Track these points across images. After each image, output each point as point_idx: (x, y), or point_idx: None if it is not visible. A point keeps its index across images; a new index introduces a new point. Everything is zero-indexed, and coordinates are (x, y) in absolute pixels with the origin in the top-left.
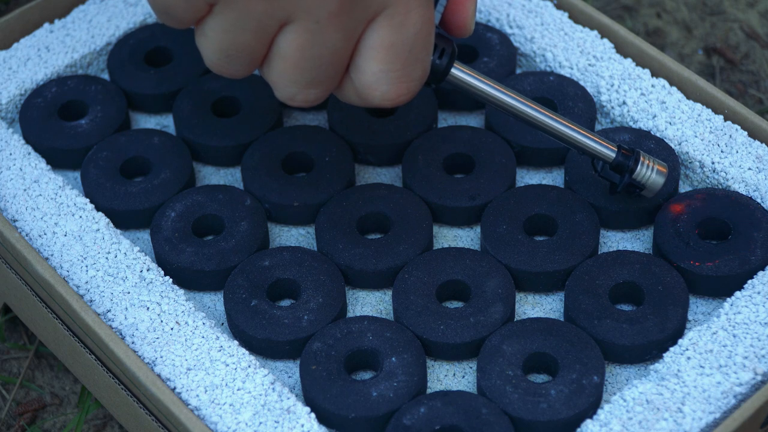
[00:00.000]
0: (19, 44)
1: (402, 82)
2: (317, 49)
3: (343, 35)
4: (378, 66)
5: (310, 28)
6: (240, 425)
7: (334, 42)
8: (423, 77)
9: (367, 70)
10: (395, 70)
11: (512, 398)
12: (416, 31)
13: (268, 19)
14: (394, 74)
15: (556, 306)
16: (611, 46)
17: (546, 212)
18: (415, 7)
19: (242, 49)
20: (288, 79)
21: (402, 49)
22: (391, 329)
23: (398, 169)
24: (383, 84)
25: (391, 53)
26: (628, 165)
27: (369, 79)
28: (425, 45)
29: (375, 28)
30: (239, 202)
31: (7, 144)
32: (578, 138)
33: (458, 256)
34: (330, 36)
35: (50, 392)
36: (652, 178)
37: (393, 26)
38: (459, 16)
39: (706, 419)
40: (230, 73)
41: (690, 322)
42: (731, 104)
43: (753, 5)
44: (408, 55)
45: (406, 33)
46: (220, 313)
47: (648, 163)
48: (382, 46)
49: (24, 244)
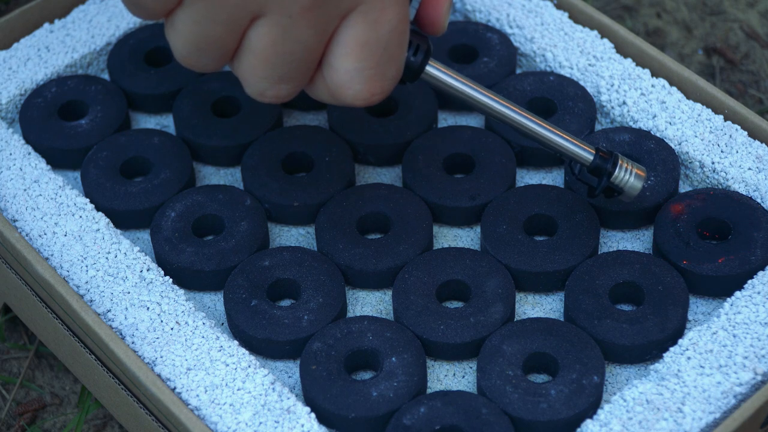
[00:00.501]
0: (19, 44)
1: (375, 80)
2: (289, 45)
3: (315, 31)
4: (351, 64)
5: (281, 23)
6: (240, 425)
7: (306, 37)
8: (397, 76)
9: (340, 68)
10: (369, 68)
11: (512, 398)
12: (391, 28)
13: (240, 11)
14: (368, 72)
15: (556, 306)
16: (611, 46)
17: (546, 212)
18: (390, 4)
19: (213, 42)
20: (258, 75)
21: (376, 46)
22: (391, 329)
23: (398, 169)
24: (356, 82)
25: (365, 51)
26: (606, 168)
27: (342, 77)
28: (400, 43)
29: (349, 24)
30: (239, 202)
31: (7, 144)
32: (555, 139)
33: (458, 256)
34: (302, 31)
35: (50, 392)
36: (630, 182)
37: (367, 23)
38: (433, 13)
39: (706, 419)
40: (199, 66)
41: (690, 322)
42: (731, 104)
43: (753, 5)
44: (382, 53)
45: (381, 30)
46: (220, 313)
47: (626, 166)
48: (356, 44)
49: (24, 244)
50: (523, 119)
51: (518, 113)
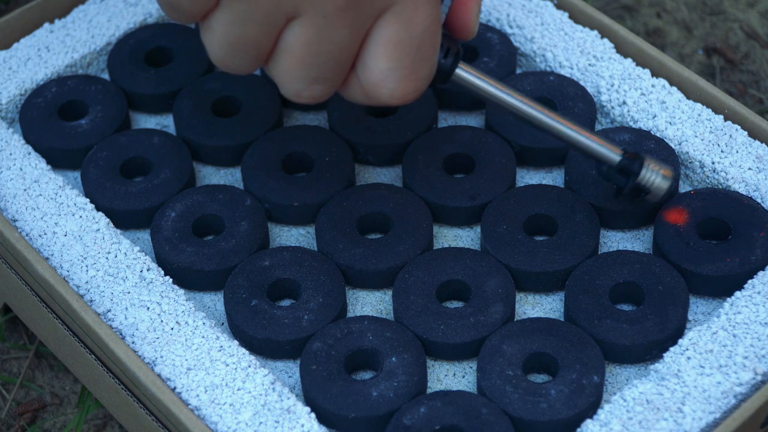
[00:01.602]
0: (19, 44)
1: (409, 80)
2: (324, 45)
3: (350, 31)
4: (386, 63)
5: (317, 23)
6: (240, 425)
7: (340, 37)
8: (430, 76)
9: (374, 68)
10: (403, 68)
11: (512, 398)
12: (424, 28)
13: (275, 12)
14: (402, 72)
15: (556, 306)
16: (611, 46)
17: (546, 212)
18: (423, 4)
19: (249, 42)
20: (294, 75)
21: (410, 46)
22: (391, 329)
23: (398, 169)
24: (391, 81)
25: (399, 50)
26: (632, 169)
27: (376, 76)
28: (433, 43)
29: (383, 24)
30: (239, 202)
31: (7, 144)
32: (583, 141)
33: (458, 256)
34: (337, 31)
35: (50, 392)
36: (657, 183)
37: (401, 23)
38: (463, 17)
39: (706, 419)
40: (235, 68)
41: (690, 322)
42: (731, 104)
43: (753, 5)
44: (416, 53)
45: (415, 30)
46: (220, 313)
47: (653, 167)
48: (390, 43)
49: (24, 244)
50: (553, 122)
51: (548, 116)
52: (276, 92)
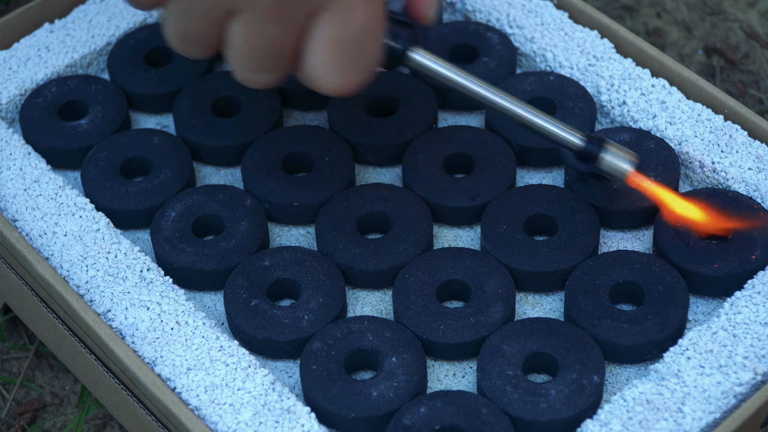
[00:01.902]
0: (19, 44)
1: (349, 74)
2: (261, 40)
3: (286, 28)
4: (324, 59)
5: (253, 20)
6: (240, 425)
7: (276, 34)
8: (371, 68)
9: (313, 62)
10: (340, 64)
11: (512, 398)
12: (361, 26)
13: (214, 9)
14: (340, 67)
15: (556, 306)
16: (611, 46)
17: (546, 212)
18: (359, 3)
19: (194, 34)
20: (238, 65)
21: (347, 43)
22: (391, 329)
23: (398, 169)
24: (329, 76)
25: (336, 47)
26: (593, 152)
27: (315, 70)
28: (373, 39)
29: (320, 22)
30: (239, 202)
31: (7, 144)
32: (543, 125)
33: (458, 256)
34: (271, 28)
35: (50, 392)
36: (618, 166)
37: (336, 21)
38: (419, 5)
39: (706, 419)
40: (190, 54)
41: (690, 322)
42: (731, 104)
43: (753, 5)
44: (353, 49)
45: (351, 28)
46: (220, 313)
47: (614, 150)
48: (327, 40)
49: (24, 244)
50: (513, 106)
51: (508, 100)
52: (276, 92)
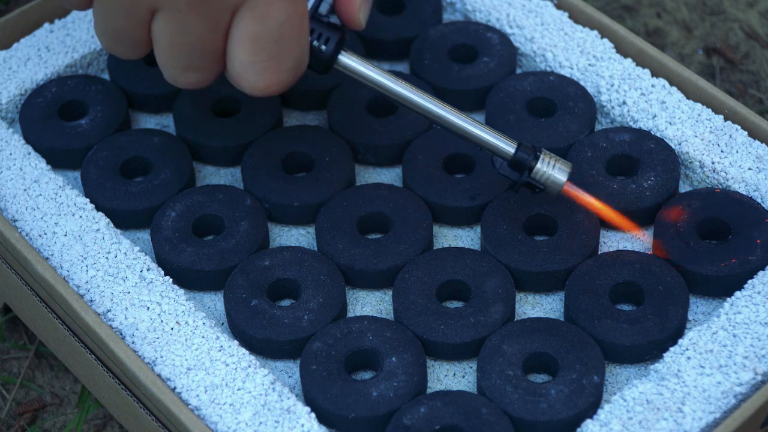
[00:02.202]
0: (19, 44)
1: (270, 73)
2: (184, 37)
3: (207, 24)
4: (245, 56)
5: (174, 17)
6: (240, 425)
7: (198, 30)
8: (296, 68)
9: (235, 60)
10: (262, 61)
11: (512, 398)
12: (280, 23)
13: (136, 6)
14: (261, 65)
15: (556, 306)
16: (611, 46)
17: (546, 212)
18: (277, 0)
19: (122, 33)
20: (166, 64)
21: (267, 41)
22: (391, 329)
23: (398, 169)
24: (251, 74)
25: (256, 45)
26: (527, 162)
27: (237, 68)
28: (294, 37)
29: (239, 19)
30: (239, 202)
31: (7, 144)
32: (475, 132)
33: (458, 256)
34: (194, 24)
35: (50, 392)
36: (553, 177)
37: (255, 18)
38: (345, 8)
39: (706, 419)
40: (121, 54)
41: (690, 322)
42: (731, 104)
43: (753, 5)
44: (274, 47)
45: (270, 25)
46: (220, 313)
47: (549, 160)
48: (247, 38)
49: (24, 244)
50: (442, 112)
51: (436, 106)
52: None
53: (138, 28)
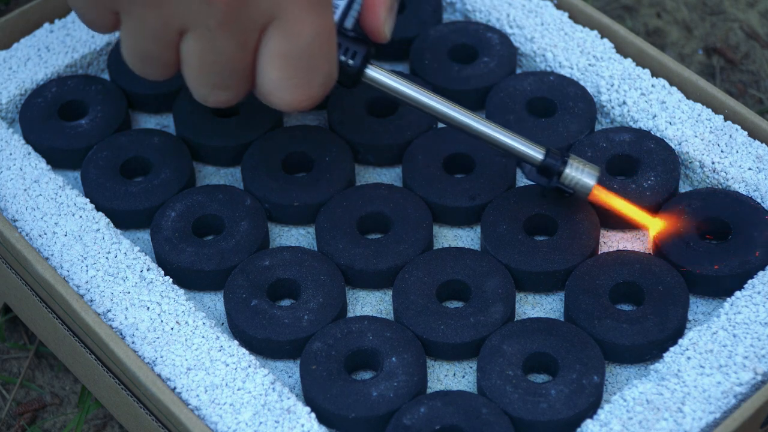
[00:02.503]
0: (19, 44)
1: (300, 88)
2: (214, 56)
3: (237, 43)
4: (275, 73)
5: (204, 36)
6: (240, 425)
7: (228, 49)
8: (325, 83)
9: (265, 77)
10: (292, 78)
11: (512, 398)
12: (310, 40)
13: (164, 27)
14: (292, 81)
15: (556, 306)
16: (611, 46)
17: (546, 212)
18: (306, 17)
19: (150, 54)
20: (196, 83)
21: (297, 58)
22: (391, 329)
23: (398, 169)
24: (281, 91)
25: (286, 62)
26: (555, 168)
27: (267, 85)
28: (323, 53)
29: (268, 36)
30: (239, 202)
31: (7, 144)
32: (502, 140)
33: (458, 256)
34: (223, 43)
35: (50, 392)
36: (582, 181)
37: (283, 36)
38: (371, 21)
39: (706, 419)
40: (149, 76)
41: (690, 322)
42: (731, 104)
43: (753, 5)
44: (304, 64)
45: (299, 43)
46: (220, 313)
47: (577, 165)
48: (276, 55)
49: (24, 244)
50: (471, 121)
51: (466, 116)
52: None
53: (167, 49)
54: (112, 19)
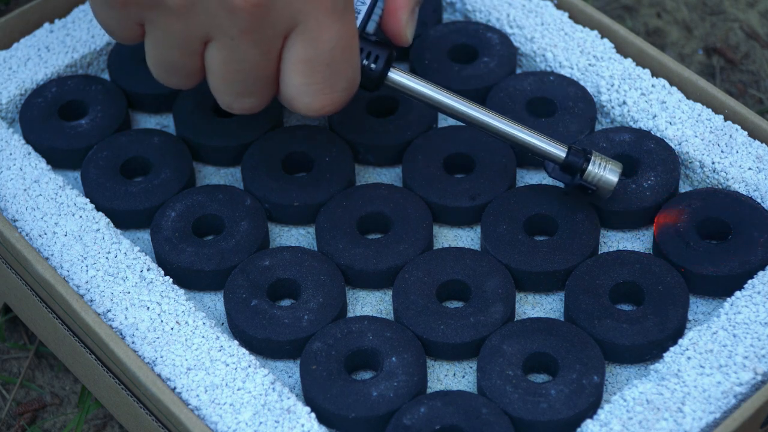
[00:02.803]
0: (19, 44)
1: (324, 94)
2: (238, 64)
3: (260, 50)
4: (299, 79)
5: (228, 44)
6: (240, 425)
7: (251, 56)
8: (349, 88)
9: (289, 83)
10: (316, 83)
11: (512, 398)
12: (332, 46)
13: (189, 37)
14: (315, 87)
15: (556, 306)
16: (611, 46)
17: (546, 212)
18: (328, 23)
19: (174, 64)
20: (220, 90)
21: (320, 63)
22: (391, 329)
23: (398, 169)
24: (305, 96)
25: (309, 68)
26: (578, 165)
27: (291, 91)
28: (346, 58)
29: (291, 43)
30: (239, 202)
31: (7, 144)
32: (527, 139)
33: (458, 256)
34: (247, 51)
35: (50, 392)
36: (605, 178)
37: (306, 42)
38: (392, 25)
39: (706, 419)
40: (174, 84)
41: (690, 322)
42: (731, 104)
43: (753, 5)
44: (327, 69)
45: (322, 48)
46: (220, 313)
47: (600, 162)
48: (299, 61)
49: (24, 244)
50: (493, 121)
51: (488, 116)
52: None
53: (192, 58)
54: (138, 30)
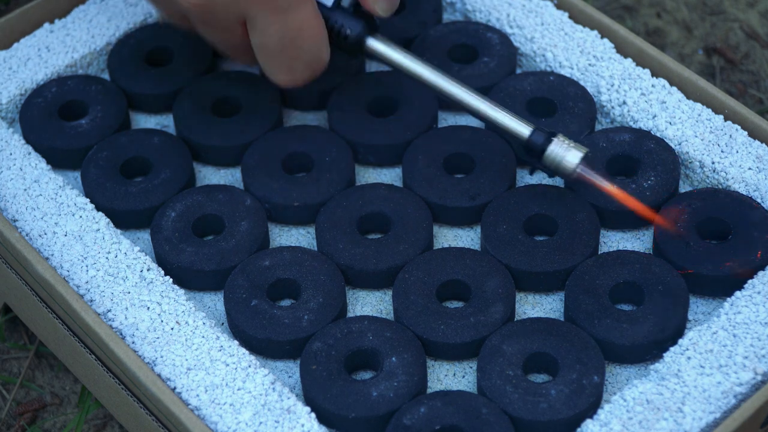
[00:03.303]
0: (19, 44)
1: (284, 74)
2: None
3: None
4: (260, 59)
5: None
6: (240, 425)
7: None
8: (309, 68)
9: (257, 59)
10: (273, 66)
11: (512, 398)
12: (280, 36)
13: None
14: (274, 68)
15: (556, 306)
16: (611, 46)
17: (546, 212)
18: (273, 20)
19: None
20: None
21: (272, 50)
22: (391, 329)
23: (398, 169)
24: (270, 74)
25: (263, 53)
26: (539, 143)
27: (260, 65)
28: (298, 45)
29: (248, 28)
30: (239, 202)
31: (7, 144)
32: (493, 115)
33: (458, 256)
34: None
35: (50, 392)
36: (567, 158)
37: (255, 33)
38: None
39: (706, 419)
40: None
41: (690, 322)
42: (731, 104)
43: (753, 5)
44: (280, 55)
45: (270, 40)
46: (220, 313)
47: (563, 142)
48: (255, 45)
49: (24, 244)
50: (463, 94)
51: (458, 88)
52: (276, 92)
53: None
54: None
